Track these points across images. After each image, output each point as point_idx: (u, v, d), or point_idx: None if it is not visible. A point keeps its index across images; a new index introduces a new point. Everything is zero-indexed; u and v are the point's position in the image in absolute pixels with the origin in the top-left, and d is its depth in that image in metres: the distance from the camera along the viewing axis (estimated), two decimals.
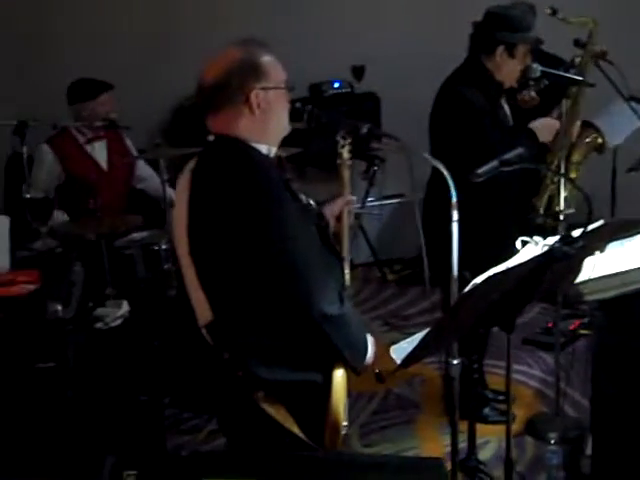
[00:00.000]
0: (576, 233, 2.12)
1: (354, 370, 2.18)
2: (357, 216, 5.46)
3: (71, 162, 4.08)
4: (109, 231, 3.73)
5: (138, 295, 3.63)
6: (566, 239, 2.09)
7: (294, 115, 2.33)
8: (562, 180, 3.48)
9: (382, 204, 5.46)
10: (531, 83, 4.12)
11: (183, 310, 2.30)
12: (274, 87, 2.15)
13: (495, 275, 1.99)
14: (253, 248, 2.02)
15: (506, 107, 3.52)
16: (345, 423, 2.20)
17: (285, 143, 4.52)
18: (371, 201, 5.35)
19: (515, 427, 3.58)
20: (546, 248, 2.11)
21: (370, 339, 2.21)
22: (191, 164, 2.18)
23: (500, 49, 3.32)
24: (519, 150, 2.31)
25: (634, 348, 2.83)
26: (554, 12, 3.56)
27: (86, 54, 4.91)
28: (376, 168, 5.20)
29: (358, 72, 5.29)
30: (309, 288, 2.02)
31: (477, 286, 1.98)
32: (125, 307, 3.25)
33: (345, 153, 2.55)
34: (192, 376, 3.30)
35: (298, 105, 2.71)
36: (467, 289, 2.01)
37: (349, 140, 2.54)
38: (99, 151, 4.18)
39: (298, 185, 4.28)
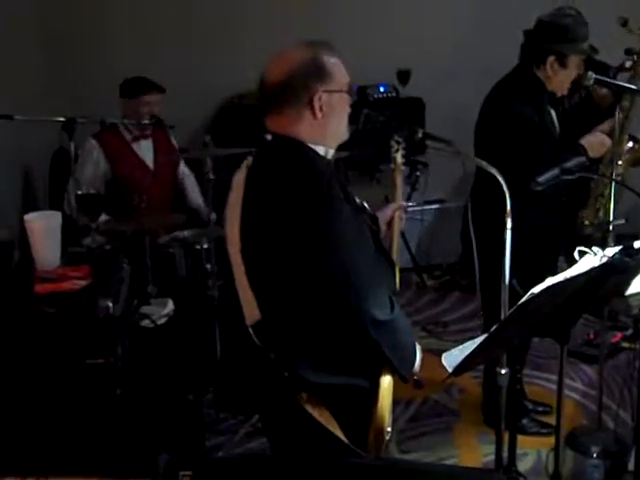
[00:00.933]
0: (638, 244, 2.08)
1: (401, 377, 2.15)
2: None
3: (117, 159, 4.10)
4: (152, 229, 3.73)
5: (179, 294, 3.63)
6: (627, 250, 2.06)
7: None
8: (613, 191, 3.44)
9: (423, 209, 5.43)
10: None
11: (230, 308, 2.28)
12: (337, 90, 2.12)
13: (554, 285, 1.96)
14: (306, 250, 1.99)
15: (553, 114, 3.48)
16: (389, 429, 2.18)
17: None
18: (412, 206, 5.32)
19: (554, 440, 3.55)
20: (605, 259, 2.08)
21: (418, 347, 2.19)
22: (248, 162, 2.17)
23: (551, 59, 3.28)
24: (580, 159, 2.27)
25: None
26: (625, 23, 3.54)
27: (134, 53, 4.94)
28: (419, 173, 5.19)
29: (403, 76, 5.28)
30: (361, 292, 1.99)
31: (535, 296, 1.94)
32: (170, 306, 3.27)
33: (399, 158, 2.54)
34: (236, 375, 3.30)
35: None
36: (524, 299, 1.97)
37: (403, 145, 2.52)
38: (145, 149, 4.19)
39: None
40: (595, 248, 2.15)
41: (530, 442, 3.57)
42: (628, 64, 3.76)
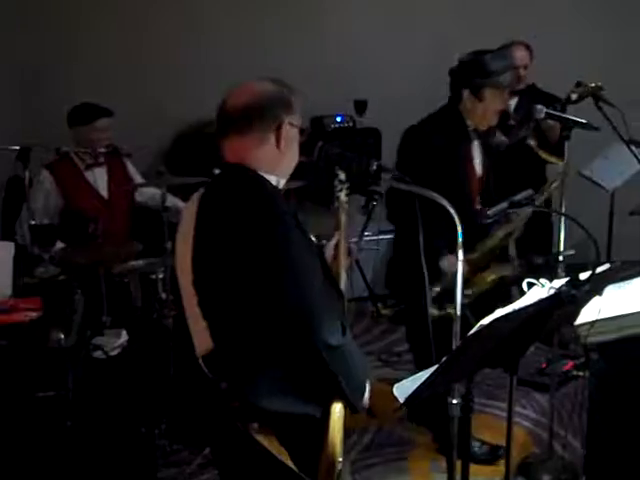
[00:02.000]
0: (584, 276, 2.13)
1: (351, 407, 2.15)
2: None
3: (70, 188, 4.07)
4: (108, 258, 3.71)
5: (134, 324, 3.61)
6: (574, 282, 2.10)
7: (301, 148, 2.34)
8: (562, 219, 3.52)
9: (379, 239, 5.46)
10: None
11: (180, 340, 2.28)
12: (297, 126, 2.20)
13: (503, 316, 1.99)
14: (259, 275, 2.01)
15: (476, 148, 3.52)
16: (340, 459, 2.15)
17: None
18: (368, 235, 5.35)
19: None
20: (552, 291, 2.13)
21: (367, 381, 2.19)
22: (198, 193, 2.18)
23: (466, 93, 3.37)
24: (529, 192, 2.33)
25: (631, 393, 2.84)
26: (578, 84, 3.68)
27: (90, 81, 4.95)
28: (375, 203, 5.21)
29: (360, 107, 5.33)
30: (313, 317, 2.01)
31: (484, 327, 1.98)
32: (124, 336, 3.24)
33: (342, 197, 2.56)
34: (187, 407, 3.28)
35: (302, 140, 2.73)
36: (473, 330, 2.01)
37: (347, 184, 2.56)
38: (99, 178, 4.17)
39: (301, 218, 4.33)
40: (543, 280, 2.20)
41: (483, 471, 3.59)
42: (574, 97, 3.86)
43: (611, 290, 3.07)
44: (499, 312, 2.04)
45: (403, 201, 2.80)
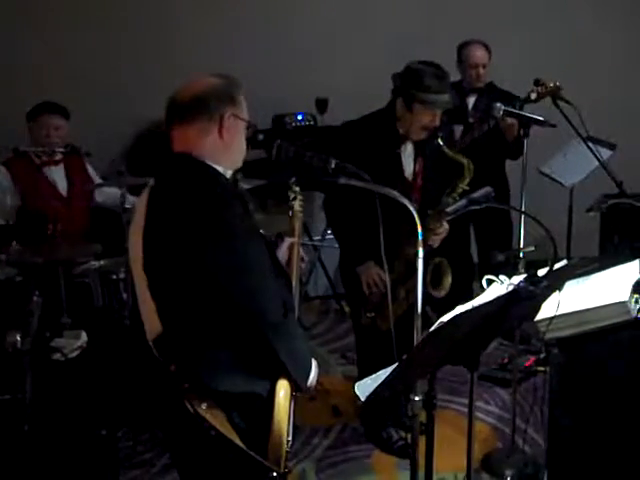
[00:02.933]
0: (541, 272, 2.15)
1: (297, 386, 2.20)
2: (316, 248, 5.48)
3: (27, 185, 4.03)
4: (67, 259, 3.67)
5: (95, 324, 3.57)
6: (531, 278, 2.12)
7: (257, 145, 2.37)
8: (522, 217, 3.56)
9: None
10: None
11: (134, 327, 2.29)
12: (242, 119, 2.27)
13: (462, 313, 2.00)
14: (205, 257, 2.08)
15: (408, 158, 3.54)
16: (289, 438, 2.21)
17: (247, 175, 4.54)
18: (331, 234, 5.36)
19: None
20: (511, 287, 2.14)
21: (314, 362, 2.26)
22: (150, 182, 2.25)
23: (399, 101, 3.41)
24: (487, 189, 2.34)
25: (590, 387, 2.87)
26: (536, 82, 3.70)
27: (51, 81, 4.90)
28: None
29: (321, 105, 5.33)
30: (256, 294, 2.09)
31: (444, 324, 1.99)
32: (83, 337, 3.21)
33: (296, 206, 2.59)
34: (142, 397, 3.23)
35: (261, 137, 2.74)
36: (434, 327, 2.02)
37: (300, 194, 2.59)
38: (58, 176, 4.14)
39: (259, 217, 4.32)
40: (502, 277, 2.21)
41: (446, 467, 3.61)
42: (533, 96, 3.90)
43: (570, 286, 3.13)
44: (459, 309, 2.04)
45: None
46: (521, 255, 3.50)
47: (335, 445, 3.89)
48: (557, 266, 2.22)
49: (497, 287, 2.20)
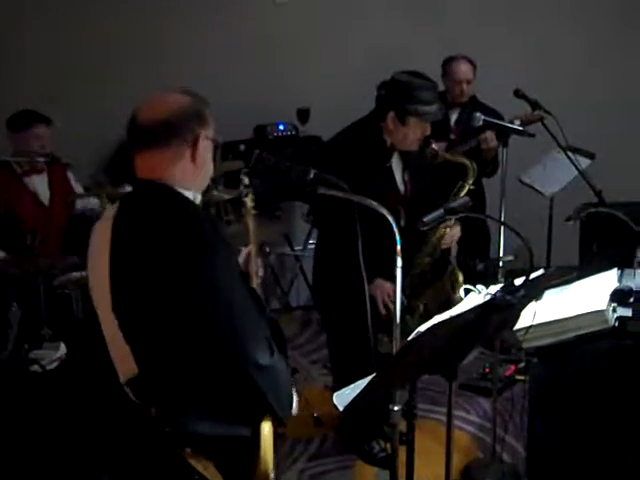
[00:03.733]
0: (518, 281, 2.16)
1: (280, 422, 2.15)
2: (298, 258, 5.48)
3: (9, 194, 4.02)
4: (47, 270, 3.65)
5: (75, 336, 3.54)
6: (508, 288, 2.13)
7: (238, 156, 2.33)
8: (502, 227, 3.58)
9: None
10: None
11: (99, 368, 2.21)
12: (212, 138, 2.14)
13: (440, 323, 2.01)
14: (186, 297, 1.95)
15: (396, 170, 3.52)
16: (272, 475, 2.15)
17: (228, 185, 4.53)
18: (312, 243, 5.36)
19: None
20: (488, 297, 2.15)
21: (294, 390, 2.19)
22: (110, 212, 2.11)
23: (391, 114, 3.34)
24: (465, 199, 2.35)
25: (569, 396, 2.88)
26: (516, 92, 3.75)
27: (32, 90, 4.89)
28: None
29: (303, 115, 5.33)
30: (242, 337, 1.98)
31: (421, 334, 1.99)
32: (62, 349, 3.19)
33: (249, 202, 2.54)
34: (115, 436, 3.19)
35: (242, 147, 2.73)
36: (411, 337, 2.02)
37: (251, 190, 2.54)
38: (40, 185, 4.13)
39: (239, 228, 4.31)
40: (479, 286, 2.22)
41: (428, 476, 3.60)
42: (517, 123, 3.92)
43: (550, 295, 3.15)
44: (436, 319, 2.05)
45: (332, 209, 2.76)
46: (500, 264, 3.53)
47: (317, 456, 3.88)
48: (533, 275, 2.22)
49: (475, 296, 2.21)
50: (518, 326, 2.93)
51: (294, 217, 5.55)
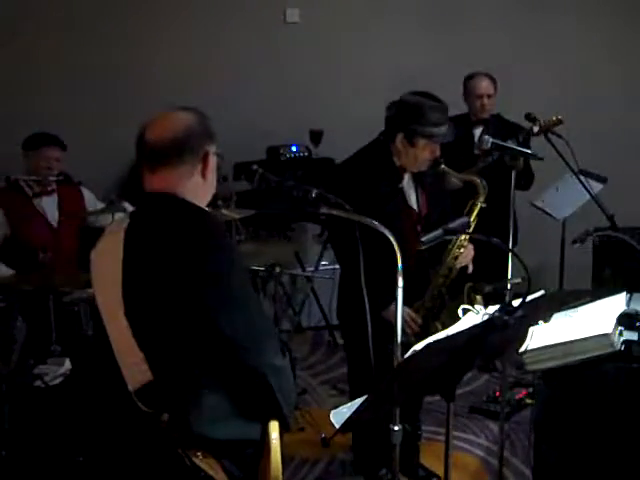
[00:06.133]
0: (516, 303, 2.15)
1: (285, 425, 2.17)
2: (309, 279, 5.48)
3: (18, 216, 4.06)
4: (57, 287, 3.67)
5: (83, 353, 3.56)
6: (506, 308, 2.12)
7: (249, 176, 2.35)
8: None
9: (335, 268, 5.47)
10: (480, 154, 4.24)
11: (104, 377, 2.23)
12: (218, 154, 2.20)
13: (435, 342, 2.00)
14: (205, 302, 2.00)
15: (409, 190, 3.50)
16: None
17: (239, 205, 4.55)
18: (324, 264, 5.38)
19: None
20: (486, 317, 2.15)
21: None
22: (121, 224, 2.16)
23: (400, 136, 3.32)
24: (464, 219, 2.35)
25: (575, 420, 2.85)
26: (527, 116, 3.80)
27: (44, 109, 4.95)
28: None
29: (316, 137, 5.35)
30: (259, 338, 2.05)
31: (416, 353, 1.99)
32: (67, 365, 3.20)
33: None
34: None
35: (255, 167, 2.75)
36: (406, 355, 2.02)
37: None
38: (49, 207, 4.16)
39: (252, 247, 4.33)
40: (478, 306, 2.22)
41: None
42: (535, 129, 3.94)
43: (558, 318, 3.13)
44: (432, 338, 2.04)
45: (346, 233, 2.76)
46: (509, 287, 3.51)
47: (322, 477, 3.87)
48: (533, 297, 2.21)
49: (472, 316, 2.20)
50: (523, 348, 2.93)
51: (306, 238, 5.57)
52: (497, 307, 2.16)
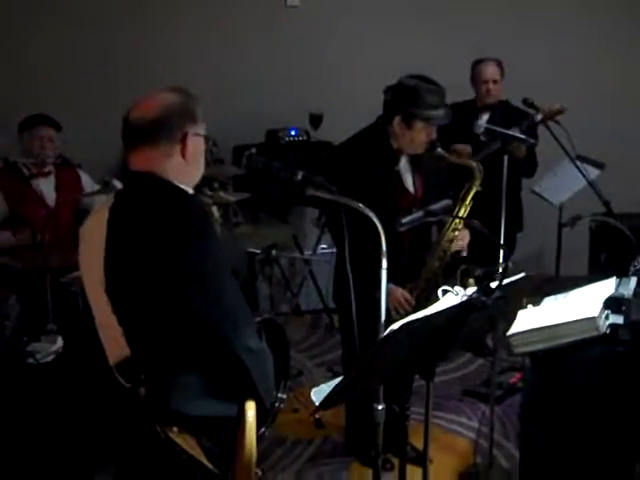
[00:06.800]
0: (494, 284, 2.17)
1: (263, 406, 2.21)
2: (307, 262, 5.51)
3: (15, 196, 4.09)
4: (58, 265, 3.71)
5: (78, 331, 3.60)
6: (484, 289, 2.15)
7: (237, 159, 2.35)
8: (502, 234, 3.59)
9: (333, 251, 5.49)
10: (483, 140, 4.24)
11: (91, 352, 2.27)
12: (202, 135, 2.23)
13: (412, 322, 2.02)
14: (180, 280, 2.04)
15: (406, 173, 3.52)
16: (259, 471, 2.24)
17: (237, 188, 4.57)
18: (323, 248, 5.41)
19: (446, 478, 3.63)
20: (464, 298, 2.17)
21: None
22: (106, 203, 2.20)
23: (397, 118, 3.35)
24: (446, 202, 2.37)
25: (561, 402, 2.88)
26: (524, 101, 3.77)
27: (40, 91, 5.00)
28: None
29: (315, 120, 5.35)
30: (236, 321, 2.08)
31: (393, 332, 2.01)
32: (59, 343, 3.24)
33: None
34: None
35: (250, 151, 2.77)
36: (383, 335, 2.04)
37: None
38: (46, 188, 4.18)
39: (250, 229, 4.35)
40: (457, 287, 2.24)
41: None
42: (538, 117, 3.95)
43: (547, 302, 3.16)
44: (410, 317, 2.06)
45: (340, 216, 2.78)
46: (499, 270, 3.52)
47: (315, 457, 3.91)
48: (512, 279, 2.24)
49: (451, 297, 2.23)
50: (510, 331, 2.96)
51: (304, 221, 5.59)
52: (475, 288, 2.18)
